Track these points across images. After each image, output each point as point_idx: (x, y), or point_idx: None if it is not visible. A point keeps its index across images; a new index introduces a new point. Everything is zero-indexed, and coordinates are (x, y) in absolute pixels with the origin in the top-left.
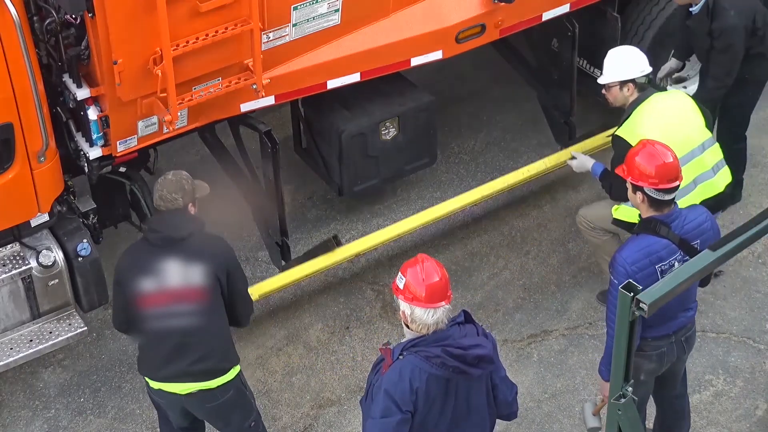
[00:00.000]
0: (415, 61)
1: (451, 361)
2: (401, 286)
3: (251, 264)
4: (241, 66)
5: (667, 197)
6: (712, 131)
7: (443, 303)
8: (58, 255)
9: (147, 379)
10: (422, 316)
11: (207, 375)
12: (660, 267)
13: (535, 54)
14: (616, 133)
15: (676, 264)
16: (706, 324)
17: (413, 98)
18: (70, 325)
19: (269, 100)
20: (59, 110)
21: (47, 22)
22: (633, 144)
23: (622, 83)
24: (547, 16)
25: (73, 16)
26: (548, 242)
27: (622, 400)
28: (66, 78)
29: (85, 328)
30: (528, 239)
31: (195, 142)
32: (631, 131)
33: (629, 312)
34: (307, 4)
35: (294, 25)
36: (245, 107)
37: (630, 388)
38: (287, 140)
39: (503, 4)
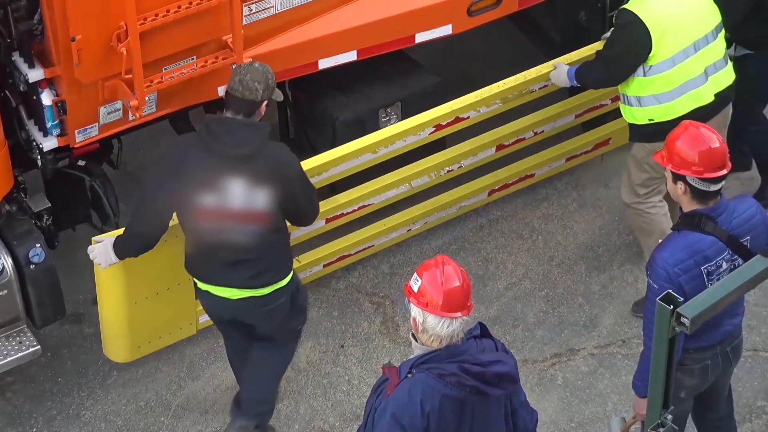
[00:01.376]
0: (421, 38)
1: (468, 380)
2: (416, 289)
3: None
4: (219, 43)
5: (713, 188)
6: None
7: (460, 314)
8: (7, 262)
9: (194, 278)
10: (435, 326)
11: (260, 286)
12: (706, 268)
13: (559, 29)
14: (623, 6)
15: (724, 264)
16: (758, 342)
17: (418, 80)
18: (20, 343)
19: None
20: (8, 94)
21: None
22: (645, 21)
23: None
24: None
25: None
26: (574, 247)
27: (661, 430)
28: (16, 57)
29: (39, 347)
30: (551, 243)
31: (166, 131)
32: (640, 4)
33: (669, 327)
34: None
35: None
36: (223, 90)
37: (670, 416)
38: (273, 129)
39: None
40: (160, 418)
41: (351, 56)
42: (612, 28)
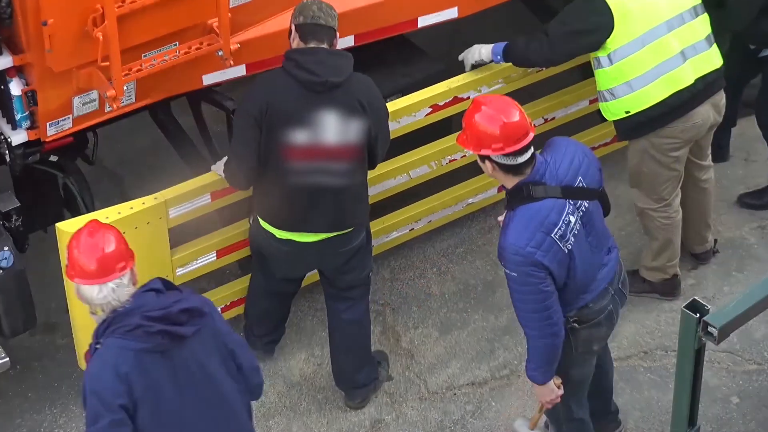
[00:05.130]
0: (424, 21)
1: (153, 326)
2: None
3: (217, 276)
4: (204, 28)
5: (521, 159)
6: None
7: (109, 278)
8: None
9: (272, 229)
10: (89, 294)
11: (345, 228)
12: (556, 233)
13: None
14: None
15: (571, 218)
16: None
17: (421, 68)
18: None
19: (239, 71)
20: None
21: None
22: (608, 1)
23: None
24: None
25: None
26: None
27: None
28: None
29: (7, 359)
30: None
31: (146, 124)
32: None
33: (695, 338)
34: None
35: None
36: (209, 79)
37: None
38: None
39: None
40: None
41: (348, 42)
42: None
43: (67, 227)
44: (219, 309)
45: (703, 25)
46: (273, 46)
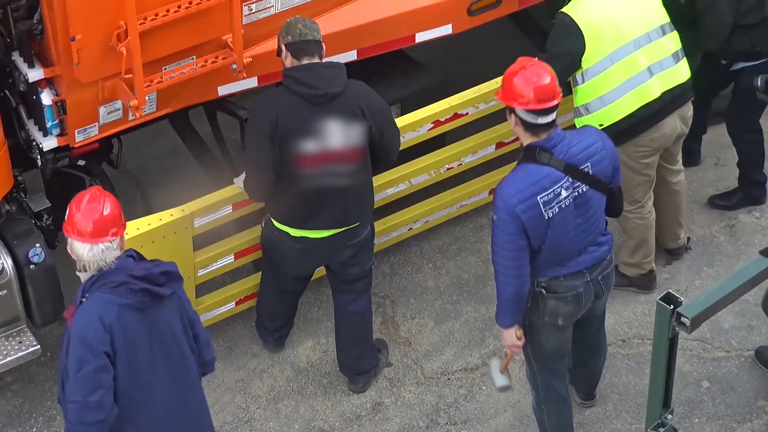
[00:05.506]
0: (421, 37)
1: (137, 284)
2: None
3: (231, 272)
4: (219, 43)
5: (541, 120)
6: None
7: (101, 240)
8: (7, 262)
9: (286, 228)
10: (79, 251)
11: (352, 223)
12: (542, 197)
13: None
14: (561, 9)
15: (563, 192)
16: (758, 342)
17: (418, 80)
18: (20, 343)
19: (251, 82)
20: (8, 94)
21: None
22: (578, 22)
23: None
24: None
25: None
26: None
27: (661, 430)
28: (16, 57)
29: (38, 346)
30: None
31: (165, 131)
32: (574, 7)
33: (669, 327)
34: None
35: None
36: (223, 90)
37: (670, 416)
38: None
39: None
40: None
41: (351, 56)
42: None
43: None
44: (234, 302)
45: (670, 42)
46: (281, 59)
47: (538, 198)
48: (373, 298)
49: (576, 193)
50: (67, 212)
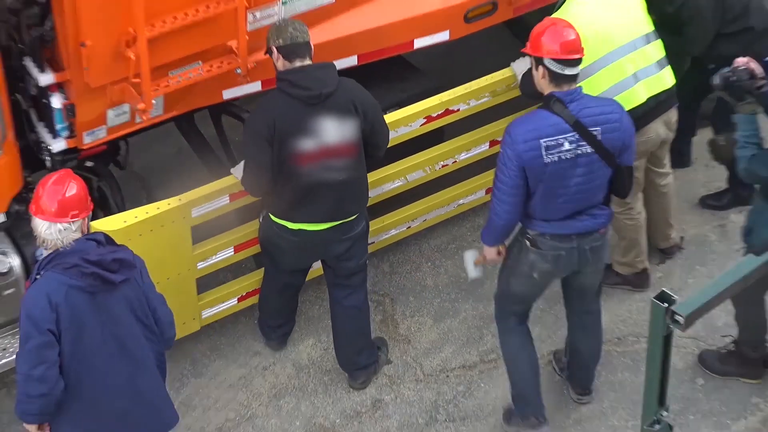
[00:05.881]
0: (419, 43)
1: (88, 268)
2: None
3: (233, 269)
4: (224, 48)
5: (567, 71)
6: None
7: (61, 220)
8: (15, 261)
9: (284, 222)
10: (39, 228)
11: (348, 215)
12: (546, 141)
13: None
14: (551, 17)
15: (567, 144)
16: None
17: (417, 84)
18: None
19: (255, 86)
20: (19, 98)
21: None
22: None
23: None
24: None
25: None
26: None
27: (657, 427)
28: (27, 62)
29: None
30: None
31: (171, 134)
32: (564, 14)
33: (663, 325)
34: None
35: (283, 3)
36: (228, 94)
37: (666, 413)
38: None
39: None
40: None
41: (352, 61)
42: None
43: (101, 226)
44: (236, 299)
45: (655, 50)
46: None
47: (541, 141)
48: (373, 296)
49: (579, 152)
50: (34, 191)
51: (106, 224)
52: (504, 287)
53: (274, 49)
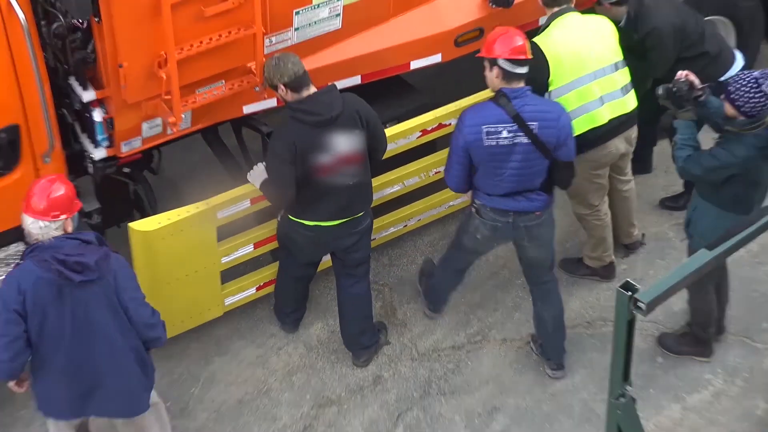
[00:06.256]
0: (415, 64)
1: (54, 264)
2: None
3: (252, 263)
4: (244, 69)
5: (518, 70)
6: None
7: (42, 218)
8: None
9: (301, 220)
10: (27, 222)
11: (359, 212)
12: (486, 128)
13: None
14: (533, 39)
15: (505, 132)
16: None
17: (412, 100)
18: None
19: (271, 102)
20: (65, 112)
21: (55, 26)
22: (544, 51)
23: None
24: (543, 20)
25: (80, 21)
26: None
27: (622, 400)
28: (72, 81)
29: None
30: None
31: (198, 143)
32: (545, 38)
33: (627, 311)
34: (309, 8)
35: (296, 29)
36: (247, 109)
37: (630, 387)
38: None
39: (500, 8)
40: (190, 389)
41: (356, 80)
42: None
43: (136, 226)
44: (255, 288)
45: (621, 77)
46: None
47: (483, 127)
48: (374, 286)
49: (517, 141)
50: (27, 190)
51: (143, 225)
52: (456, 239)
53: (281, 86)
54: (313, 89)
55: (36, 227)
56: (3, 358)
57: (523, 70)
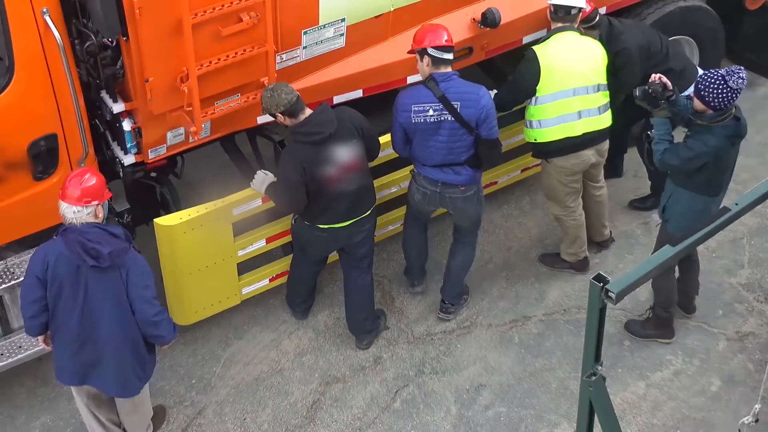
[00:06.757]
0: (411, 79)
1: (75, 246)
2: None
3: (266, 256)
4: (258, 83)
5: (445, 56)
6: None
7: (76, 204)
8: None
9: (316, 224)
10: (61, 207)
11: (365, 212)
12: (414, 106)
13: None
14: (532, 46)
15: (431, 111)
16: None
17: None
18: None
19: None
20: (97, 122)
21: (87, 44)
22: (539, 59)
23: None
24: (526, 39)
25: (110, 40)
26: (528, 239)
27: (593, 378)
28: (103, 94)
29: None
30: (510, 236)
31: (217, 150)
32: (542, 48)
33: (599, 300)
34: (316, 29)
35: (304, 47)
36: (261, 119)
37: (600, 367)
38: None
39: (488, 29)
40: (212, 368)
41: (358, 93)
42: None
43: (161, 221)
44: (268, 279)
45: (601, 97)
46: (305, 96)
47: (412, 106)
48: (375, 277)
49: (442, 118)
50: (64, 180)
51: (167, 220)
52: (407, 200)
53: (279, 115)
54: (308, 111)
55: (70, 212)
56: (26, 315)
57: (449, 56)
